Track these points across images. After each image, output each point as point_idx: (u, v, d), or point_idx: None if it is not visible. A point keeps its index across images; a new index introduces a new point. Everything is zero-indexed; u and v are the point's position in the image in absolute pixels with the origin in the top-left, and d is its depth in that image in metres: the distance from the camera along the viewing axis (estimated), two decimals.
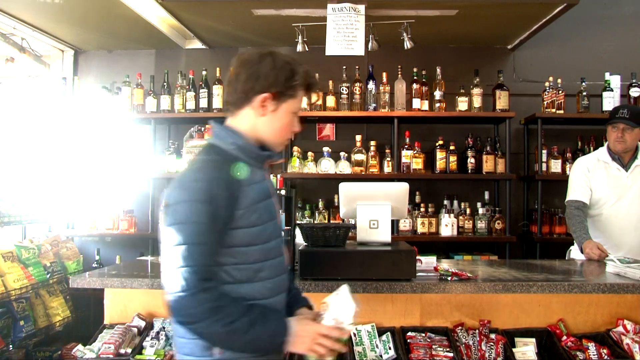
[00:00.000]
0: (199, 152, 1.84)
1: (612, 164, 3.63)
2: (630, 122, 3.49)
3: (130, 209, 5.06)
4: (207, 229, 1.67)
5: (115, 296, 2.86)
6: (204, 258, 1.68)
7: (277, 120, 1.85)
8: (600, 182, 3.63)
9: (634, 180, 3.58)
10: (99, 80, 5.26)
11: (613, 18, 5.13)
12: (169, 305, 1.67)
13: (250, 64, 1.79)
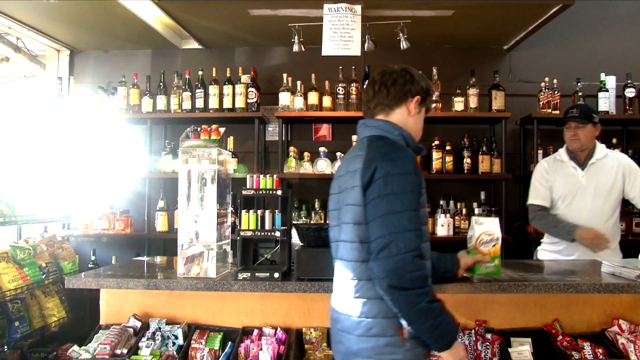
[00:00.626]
0: (366, 143, 2.04)
1: (569, 163, 3.66)
2: (581, 119, 3.54)
3: (126, 209, 5.05)
4: (417, 200, 1.90)
5: (111, 296, 2.86)
6: (418, 226, 1.88)
7: (419, 120, 2.17)
8: (558, 182, 3.66)
9: (590, 178, 3.58)
10: (95, 80, 5.26)
11: (608, 19, 5.15)
12: (384, 267, 1.82)
13: (402, 72, 2.13)
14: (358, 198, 1.93)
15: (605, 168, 3.57)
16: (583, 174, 3.59)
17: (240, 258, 2.74)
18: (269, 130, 5.23)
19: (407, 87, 2.11)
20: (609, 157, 3.62)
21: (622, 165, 3.58)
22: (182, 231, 2.77)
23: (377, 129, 2.09)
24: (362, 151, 2.01)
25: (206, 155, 2.80)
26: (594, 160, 3.59)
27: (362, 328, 1.93)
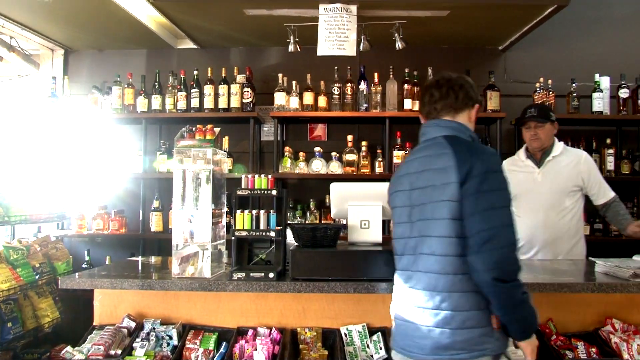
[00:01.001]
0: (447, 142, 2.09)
1: (527, 161, 3.69)
2: (539, 119, 3.58)
3: (121, 209, 5.04)
4: (510, 197, 2.00)
5: (105, 297, 2.85)
6: (513, 221, 1.96)
7: (473, 126, 2.26)
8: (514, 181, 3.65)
9: (545, 176, 3.60)
10: (90, 80, 5.23)
11: (602, 20, 5.17)
12: (487, 259, 1.89)
13: (467, 80, 2.24)
14: (455, 194, 1.98)
15: (561, 165, 3.60)
16: (539, 171, 3.62)
17: (235, 258, 2.73)
18: (264, 130, 5.22)
19: (471, 94, 2.22)
20: (566, 154, 3.64)
21: (581, 162, 3.60)
22: (177, 231, 2.76)
23: (451, 130, 2.16)
24: (447, 149, 2.07)
25: (201, 155, 2.79)
26: (550, 158, 3.62)
27: (457, 321, 1.96)
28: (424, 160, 2.13)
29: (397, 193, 2.21)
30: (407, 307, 2.09)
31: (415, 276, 2.07)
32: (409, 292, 2.10)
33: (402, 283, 2.14)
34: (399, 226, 2.18)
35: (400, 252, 2.17)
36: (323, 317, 2.78)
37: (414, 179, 2.14)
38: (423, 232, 2.06)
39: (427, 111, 2.25)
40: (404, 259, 2.14)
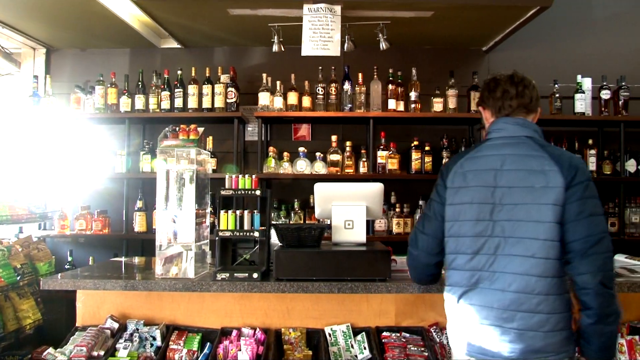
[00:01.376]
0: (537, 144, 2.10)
1: None
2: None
3: (104, 209, 5.00)
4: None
5: (88, 298, 2.82)
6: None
7: None
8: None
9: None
10: (72, 79, 5.19)
11: (584, 22, 5.23)
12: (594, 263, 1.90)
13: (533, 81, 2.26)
14: (560, 199, 1.95)
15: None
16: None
17: (219, 258, 2.72)
18: (249, 130, 5.21)
19: (539, 97, 2.24)
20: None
21: None
22: (161, 231, 2.75)
23: (533, 131, 2.15)
24: (540, 151, 2.06)
25: (185, 155, 2.78)
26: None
27: (551, 324, 1.94)
28: (513, 159, 2.06)
29: (467, 189, 2.09)
30: (486, 310, 2.00)
31: (494, 276, 2.00)
32: (485, 294, 2.01)
33: (468, 283, 2.05)
34: (465, 224, 2.07)
35: (469, 250, 2.05)
36: (307, 317, 2.78)
37: (499, 176, 2.05)
38: (512, 233, 1.99)
39: (500, 106, 2.19)
40: (476, 259, 2.03)
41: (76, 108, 4.92)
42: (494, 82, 2.24)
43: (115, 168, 4.94)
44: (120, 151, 4.95)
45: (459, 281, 2.07)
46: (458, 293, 2.08)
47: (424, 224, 2.23)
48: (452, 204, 2.12)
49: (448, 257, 2.13)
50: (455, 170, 2.14)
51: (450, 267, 2.12)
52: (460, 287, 2.07)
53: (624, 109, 4.81)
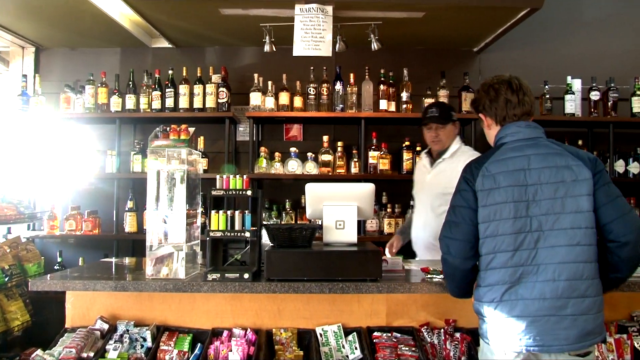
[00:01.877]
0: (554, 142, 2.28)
1: (426, 160, 3.71)
2: (441, 120, 3.53)
3: (94, 209, 4.97)
4: None
5: (77, 299, 2.81)
6: None
7: None
8: (415, 176, 3.83)
9: (434, 177, 3.59)
10: (62, 78, 5.15)
11: (574, 23, 5.26)
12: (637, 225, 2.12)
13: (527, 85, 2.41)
14: (591, 189, 2.13)
15: (450, 166, 3.51)
16: (430, 171, 3.63)
17: (210, 259, 2.72)
18: (240, 130, 5.20)
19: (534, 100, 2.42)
20: (457, 156, 3.56)
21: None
22: (151, 232, 2.73)
23: (542, 132, 2.34)
24: (559, 149, 2.23)
25: (176, 155, 2.77)
26: (441, 160, 3.60)
27: (597, 306, 2.10)
28: (538, 158, 2.18)
29: (498, 190, 2.16)
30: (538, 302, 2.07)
31: (538, 269, 2.09)
32: (532, 287, 2.08)
33: (511, 279, 2.10)
34: (503, 222, 2.13)
35: (510, 248, 2.12)
36: (298, 317, 2.77)
37: (528, 174, 2.15)
38: (551, 226, 2.10)
39: (504, 116, 2.32)
40: (517, 255, 2.11)
41: (66, 108, 4.89)
42: (494, 91, 2.34)
43: (106, 168, 4.92)
44: (110, 151, 4.92)
45: (500, 279, 2.13)
46: (500, 291, 2.12)
47: (451, 230, 2.25)
48: (486, 205, 2.18)
49: (484, 258, 2.18)
50: (483, 174, 2.20)
51: (488, 267, 2.16)
52: (502, 284, 2.12)
53: (613, 110, 4.84)
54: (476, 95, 2.43)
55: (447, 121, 3.54)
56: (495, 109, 2.33)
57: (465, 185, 2.25)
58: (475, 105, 2.43)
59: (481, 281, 2.20)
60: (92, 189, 5.12)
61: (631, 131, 5.10)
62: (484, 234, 2.17)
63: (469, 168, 2.28)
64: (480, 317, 2.23)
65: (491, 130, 2.39)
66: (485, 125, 2.41)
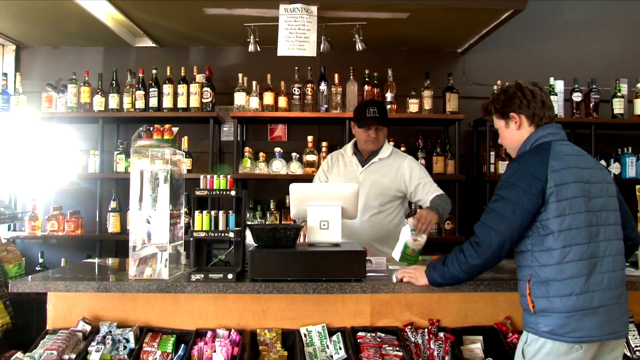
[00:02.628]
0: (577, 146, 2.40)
1: (352, 158, 3.60)
2: (383, 122, 3.47)
3: (77, 210, 4.93)
4: None
5: (59, 300, 2.77)
6: None
7: None
8: (334, 178, 3.62)
9: (367, 177, 3.52)
10: (44, 77, 5.10)
11: (557, 25, 5.31)
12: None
13: None
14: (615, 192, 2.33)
15: (384, 168, 3.53)
16: (361, 172, 3.55)
17: (194, 259, 2.70)
18: (224, 131, 5.18)
19: None
20: (393, 157, 3.57)
21: (403, 167, 3.54)
22: (134, 232, 2.71)
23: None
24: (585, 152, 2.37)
25: (159, 155, 2.75)
26: (376, 159, 3.55)
27: (625, 296, 2.25)
28: (585, 159, 2.31)
29: (568, 185, 2.20)
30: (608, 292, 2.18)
31: (603, 261, 2.19)
32: (596, 278, 2.17)
33: (587, 271, 2.16)
34: (578, 216, 2.19)
35: (585, 240, 2.18)
36: (283, 317, 2.77)
37: (586, 173, 2.25)
38: (605, 221, 2.24)
39: (541, 116, 2.38)
40: (591, 247, 2.18)
41: (48, 107, 4.84)
42: (530, 92, 2.41)
43: (89, 168, 4.87)
44: (93, 151, 4.88)
45: (578, 272, 2.15)
46: (580, 284, 2.15)
47: (499, 224, 2.24)
48: (560, 200, 2.19)
49: (560, 251, 2.17)
50: (552, 170, 2.21)
51: (564, 260, 2.17)
52: (581, 277, 2.15)
53: (594, 111, 4.90)
54: (503, 96, 2.46)
55: (387, 123, 3.51)
56: (533, 109, 2.37)
57: (532, 182, 2.21)
58: (505, 105, 2.43)
59: (556, 275, 2.16)
60: (74, 189, 5.08)
61: (612, 132, 5.17)
62: (560, 227, 2.17)
63: (532, 164, 2.26)
64: (547, 314, 2.18)
65: (521, 131, 2.40)
66: (515, 125, 2.40)
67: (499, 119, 2.47)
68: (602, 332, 2.14)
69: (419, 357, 2.62)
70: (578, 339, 2.13)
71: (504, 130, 2.47)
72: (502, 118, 2.45)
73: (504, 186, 2.26)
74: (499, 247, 2.23)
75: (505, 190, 2.25)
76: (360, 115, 3.51)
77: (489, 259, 2.27)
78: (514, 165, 2.30)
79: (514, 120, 2.40)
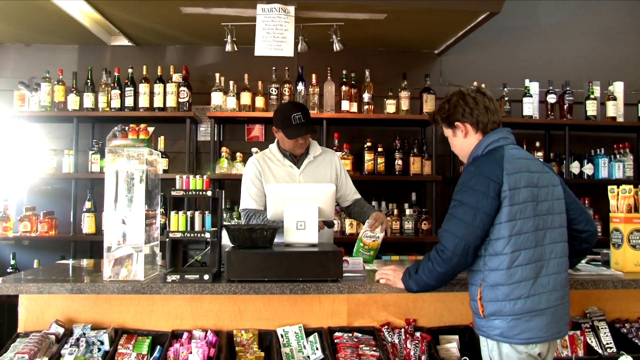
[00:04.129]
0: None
1: (284, 161, 3.47)
2: (310, 127, 3.38)
3: (51, 210, 4.85)
4: None
5: (31, 302, 2.73)
6: None
7: None
8: (274, 179, 3.46)
9: (307, 177, 3.46)
10: (16, 75, 5.02)
11: (532, 28, 5.39)
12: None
13: None
14: (562, 193, 2.35)
15: (320, 166, 3.50)
16: (300, 172, 3.45)
17: (170, 260, 2.68)
18: (201, 131, 5.15)
19: None
20: (324, 154, 3.55)
21: (334, 163, 3.55)
22: (109, 233, 2.68)
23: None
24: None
25: (135, 155, 2.72)
26: (311, 159, 3.48)
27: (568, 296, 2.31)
28: (534, 162, 2.34)
29: (519, 190, 2.22)
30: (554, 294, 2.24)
31: (548, 263, 2.24)
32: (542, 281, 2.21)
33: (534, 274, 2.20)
34: (527, 220, 2.21)
35: (532, 244, 2.21)
36: (259, 318, 2.76)
37: (535, 178, 2.27)
38: (551, 224, 2.27)
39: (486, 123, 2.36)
40: (537, 250, 2.22)
41: (20, 105, 4.76)
42: (472, 99, 2.36)
43: (63, 168, 4.81)
44: (68, 151, 4.81)
45: (527, 275, 2.19)
46: (528, 287, 2.19)
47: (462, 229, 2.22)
48: (513, 204, 2.20)
49: (510, 256, 2.19)
50: (507, 173, 2.22)
51: (514, 265, 2.19)
52: (528, 280, 2.19)
53: (569, 113, 4.98)
54: (447, 105, 2.41)
55: (313, 125, 3.41)
56: (477, 116, 2.35)
57: (489, 185, 2.21)
58: (449, 114, 2.40)
59: (506, 279, 2.18)
60: (48, 190, 5.01)
61: (586, 134, 5.25)
62: (510, 232, 2.19)
63: (488, 167, 2.26)
64: (496, 317, 2.21)
65: (468, 138, 2.39)
66: (462, 134, 2.40)
67: (447, 128, 2.46)
68: (549, 332, 2.21)
69: (396, 357, 2.63)
70: (526, 340, 2.18)
71: (452, 138, 2.47)
72: (449, 127, 2.44)
73: (462, 191, 2.26)
74: (463, 253, 2.22)
75: (464, 195, 2.25)
76: (285, 124, 3.35)
77: (455, 265, 2.26)
78: (470, 169, 2.29)
79: (460, 129, 2.39)
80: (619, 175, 4.90)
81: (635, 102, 5.15)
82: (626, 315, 2.94)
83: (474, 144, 2.38)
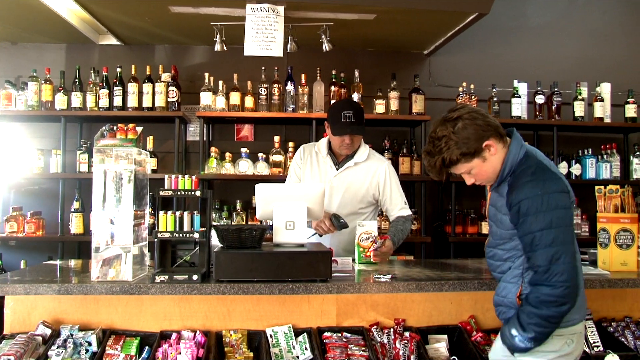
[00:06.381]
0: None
1: (327, 158, 3.45)
2: (360, 128, 3.31)
3: (38, 210, 4.81)
4: None
5: (17, 303, 2.70)
6: None
7: None
8: (307, 173, 3.48)
9: (341, 182, 3.41)
10: (2, 74, 4.98)
11: (520, 29, 5.42)
12: None
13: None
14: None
15: (360, 172, 3.42)
16: (335, 174, 3.42)
17: (158, 260, 2.66)
18: (190, 130, 5.13)
19: None
20: (369, 161, 3.44)
21: (379, 174, 3.43)
22: (97, 233, 2.66)
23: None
24: None
25: (124, 155, 2.70)
26: (351, 164, 3.41)
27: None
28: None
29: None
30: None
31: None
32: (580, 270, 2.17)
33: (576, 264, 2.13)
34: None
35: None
36: (248, 318, 2.75)
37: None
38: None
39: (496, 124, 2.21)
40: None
41: (7, 104, 4.72)
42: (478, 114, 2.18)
43: (50, 168, 4.77)
44: (55, 150, 4.78)
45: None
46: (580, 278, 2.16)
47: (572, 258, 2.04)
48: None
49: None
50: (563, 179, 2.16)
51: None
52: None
53: (557, 114, 5.01)
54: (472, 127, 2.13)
55: (363, 127, 3.33)
56: (496, 127, 2.17)
57: (567, 198, 2.09)
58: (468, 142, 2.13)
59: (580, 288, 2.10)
60: (35, 190, 4.98)
61: (573, 134, 5.29)
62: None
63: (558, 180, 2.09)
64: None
65: (498, 153, 2.17)
66: (493, 150, 2.16)
67: (470, 161, 2.16)
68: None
69: (385, 357, 2.63)
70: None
71: (481, 167, 2.18)
72: (474, 157, 2.14)
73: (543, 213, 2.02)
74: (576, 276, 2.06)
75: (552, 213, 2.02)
76: (334, 120, 3.31)
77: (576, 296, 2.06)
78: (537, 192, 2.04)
79: (488, 149, 2.15)
80: (606, 176, 4.94)
81: (622, 103, 5.19)
82: (612, 314, 2.96)
83: (503, 156, 2.17)
